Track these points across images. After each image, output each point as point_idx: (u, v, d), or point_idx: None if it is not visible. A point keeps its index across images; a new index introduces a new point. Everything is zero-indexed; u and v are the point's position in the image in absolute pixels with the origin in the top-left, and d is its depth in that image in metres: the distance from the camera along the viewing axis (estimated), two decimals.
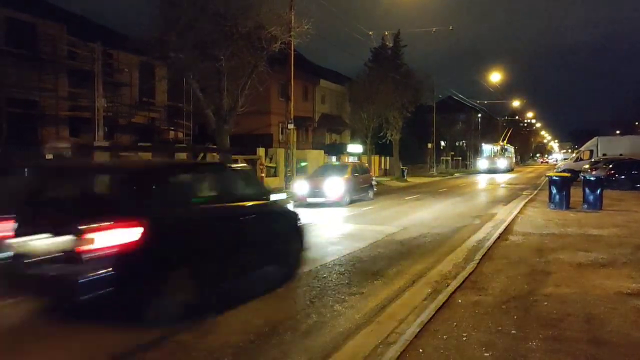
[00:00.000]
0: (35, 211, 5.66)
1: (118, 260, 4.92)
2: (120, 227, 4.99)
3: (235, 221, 6.61)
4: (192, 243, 5.72)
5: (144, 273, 5.15)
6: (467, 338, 4.81)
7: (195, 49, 17.89)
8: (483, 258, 8.40)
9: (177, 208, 5.78)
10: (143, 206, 5.42)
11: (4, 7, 21.91)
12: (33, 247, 5.15)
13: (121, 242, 4.96)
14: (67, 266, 4.96)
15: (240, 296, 6.35)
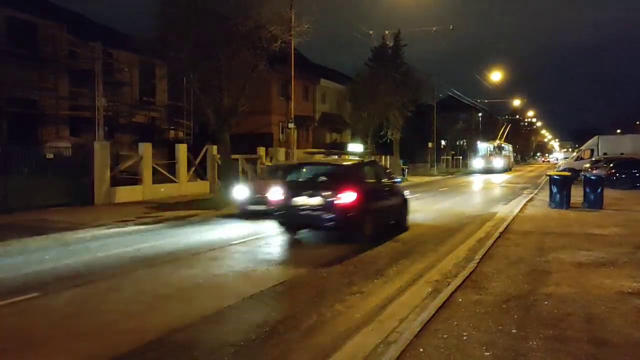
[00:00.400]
0: (297, 185, 11.07)
1: (345, 209, 9.97)
2: (347, 192, 10.07)
3: (384, 191, 12.12)
4: (372, 202, 10.87)
5: (356, 216, 10.06)
6: (468, 337, 4.80)
7: (195, 49, 17.87)
8: (484, 257, 8.40)
9: (366, 184, 11.20)
10: (355, 183, 10.60)
11: (5, 6, 21.91)
12: (301, 202, 10.34)
13: (347, 200, 10.01)
14: (320, 211, 10.13)
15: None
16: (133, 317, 5.71)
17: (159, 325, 5.38)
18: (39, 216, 13.92)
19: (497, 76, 55.25)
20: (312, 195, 10.24)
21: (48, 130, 23.82)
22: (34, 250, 9.87)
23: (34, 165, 16.14)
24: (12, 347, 4.86)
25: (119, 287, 7.10)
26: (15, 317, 5.76)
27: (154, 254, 9.32)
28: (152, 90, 30.33)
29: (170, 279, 7.58)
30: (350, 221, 10.07)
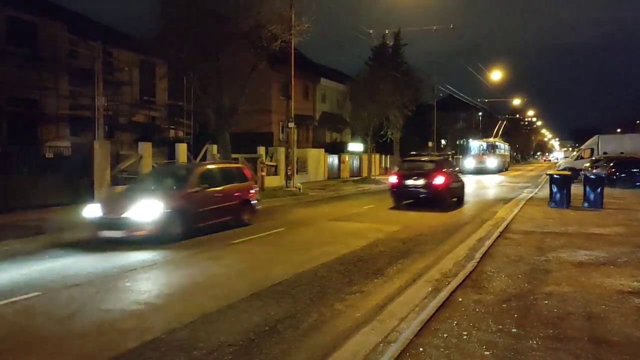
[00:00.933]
0: (409, 174, 17.22)
1: (439, 188, 16.56)
2: (441, 176, 16.69)
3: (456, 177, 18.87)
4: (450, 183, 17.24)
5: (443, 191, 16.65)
6: (468, 337, 4.80)
7: (195, 48, 17.89)
8: (484, 257, 8.40)
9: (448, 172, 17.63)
10: (444, 170, 17.31)
11: (5, 6, 21.89)
12: (411, 183, 16.90)
13: (440, 182, 16.57)
14: (422, 189, 16.72)
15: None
16: (134, 316, 5.71)
17: (161, 321, 5.39)
18: (39, 216, 13.91)
19: (497, 75, 55.19)
20: (417, 179, 16.91)
21: (48, 129, 23.81)
22: (34, 249, 9.87)
23: (34, 165, 16.14)
24: (12, 347, 4.86)
25: (117, 287, 7.09)
26: (16, 317, 5.76)
27: (155, 254, 9.32)
28: (152, 90, 30.30)
29: (169, 278, 7.57)
30: (439, 195, 16.71)
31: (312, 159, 33.81)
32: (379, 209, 16.86)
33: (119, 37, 24.92)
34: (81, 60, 24.39)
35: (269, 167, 27.27)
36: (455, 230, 12.14)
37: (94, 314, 5.83)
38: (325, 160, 35.82)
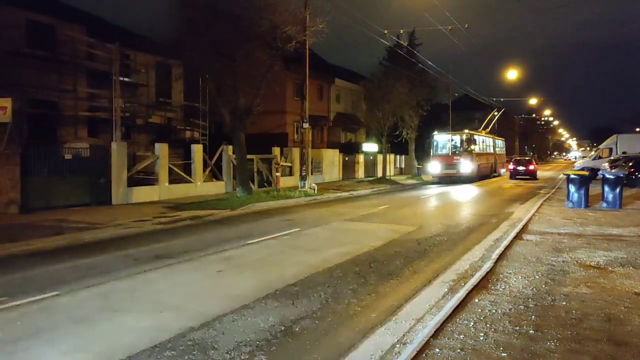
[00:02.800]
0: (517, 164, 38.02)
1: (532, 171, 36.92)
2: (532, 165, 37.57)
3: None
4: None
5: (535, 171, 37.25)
6: (485, 338, 4.78)
7: (211, 49, 18.00)
8: (500, 257, 8.34)
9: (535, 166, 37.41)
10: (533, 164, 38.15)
11: (25, 9, 22.25)
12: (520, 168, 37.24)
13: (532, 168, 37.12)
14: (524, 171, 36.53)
15: None
16: (148, 316, 5.78)
17: (174, 324, 5.44)
18: (58, 216, 14.14)
19: (513, 74, 54.68)
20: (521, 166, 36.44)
21: (67, 131, 24.14)
22: (54, 249, 10.03)
23: (53, 166, 16.38)
24: (34, 345, 4.94)
25: (134, 287, 7.18)
26: (36, 315, 5.85)
27: (170, 253, 9.40)
28: (169, 91, 30.56)
29: (185, 277, 7.64)
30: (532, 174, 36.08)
31: (327, 160, 33.83)
32: (394, 209, 16.81)
33: (135, 39, 25.17)
34: (99, 63, 24.69)
35: (284, 168, 27.34)
36: (471, 231, 12.06)
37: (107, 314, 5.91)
38: (340, 161, 35.80)
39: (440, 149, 33.90)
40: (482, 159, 35.73)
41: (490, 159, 39.37)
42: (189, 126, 31.72)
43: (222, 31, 17.71)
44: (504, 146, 47.48)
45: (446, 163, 33.02)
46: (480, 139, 37.37)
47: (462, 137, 33.99)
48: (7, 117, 14.42)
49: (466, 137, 33.88)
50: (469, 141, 33.69)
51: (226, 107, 19.78)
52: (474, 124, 66.65)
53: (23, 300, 6.30)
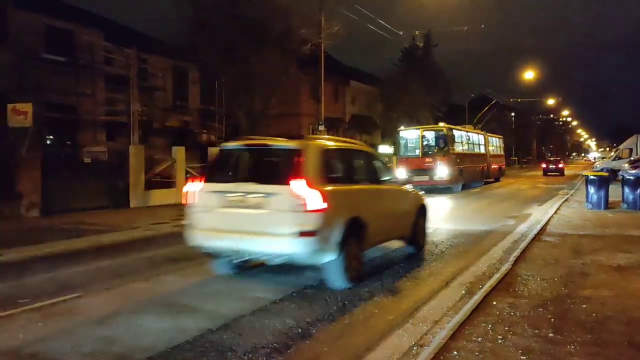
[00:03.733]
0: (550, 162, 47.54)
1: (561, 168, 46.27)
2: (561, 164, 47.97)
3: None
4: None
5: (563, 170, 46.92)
6: (503, 341, 4.74)
7: (226, 53, 18.16)
8: (518, 259, 8.27)
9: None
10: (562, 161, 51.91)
11: (44, 15, 22.63)
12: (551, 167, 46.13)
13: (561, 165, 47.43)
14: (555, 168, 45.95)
15: None
16: (166, 318, 5.83)
17: (192, 325, 5.49)
18: (78, 219, 14.33)
19: (530, 75, 54.18)
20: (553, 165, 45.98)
21: (86, 135, 24.48)
22: (74, 252, 10.17)
23: (73, 170, 16.62)
24: (55, 346, 5.02)
25: (152, 289, 7.24)
26: (57, 316, 5.94)
27: (188, 255, 9.48)
28: (185, 95, 30.84)
29: (203, 279, 7.69)
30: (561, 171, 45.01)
31: None
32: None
33: (152, 44, 25.45)
34: (117, 67, 25.00)
35: None
36: (488, 233, 11.97)
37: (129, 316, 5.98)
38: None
39: (408, 150, 26.13)
40: (467, 162, 27.53)
41: (481, 160, 31.29)
42: (206, 129, 31.97)
43: (236, 35, 17.85)
44: (501, 145, 38.48)
45: (416, 167, 24.48)
46: (465, 135, 29.23)
47: (438, 133, 25.90)
48: (28, 122, 14.65)
49: (443, 134, 25.67)
50: (446, 138, 25.49)
51: (242, 110, 19.92)
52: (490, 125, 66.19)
53: (45, 301, 6.39)
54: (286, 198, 6.42)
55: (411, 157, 25.36)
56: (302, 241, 6.33)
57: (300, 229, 6.31)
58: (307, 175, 6.53)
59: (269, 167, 7.76)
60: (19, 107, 14.76)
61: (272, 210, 6.59)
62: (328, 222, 6.50)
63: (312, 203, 6.36)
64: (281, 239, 6.47)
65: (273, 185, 6.68)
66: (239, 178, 7.59)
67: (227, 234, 6.93)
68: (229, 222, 6.96)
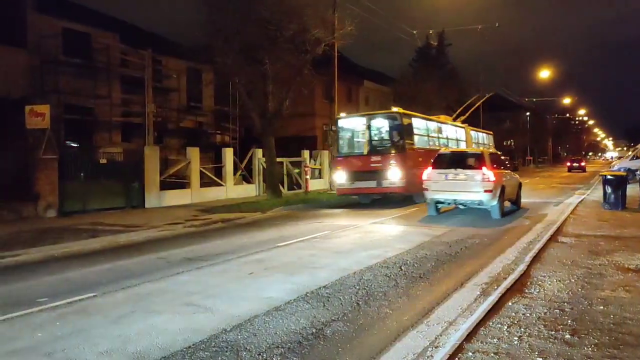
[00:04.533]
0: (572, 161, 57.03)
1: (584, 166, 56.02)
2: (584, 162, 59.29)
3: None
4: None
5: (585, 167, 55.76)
6: (519, 342, 4.70)
7: (241, 54, 18.24)
8: (534, 260, 8.19)
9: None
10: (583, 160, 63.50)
11: (62, 19, 22.94)
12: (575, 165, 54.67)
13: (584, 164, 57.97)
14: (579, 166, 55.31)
15: None
16: (182, 318, 5.87)
17: (207, 325, 5.52)
18: (94, 219, 14.50)
19: (545, 74, 53.61)
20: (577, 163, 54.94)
21: (102, 136, 24.76)
22: (90, 252, 10.29)
23: (89, 170, 16.83)
24: (72, 344, 5.08)
25: (167, 289, 7.30)
26: (74, 316, 6.01)
27: (202, 256, 9.54)
28: (199, 96, 31.06)
29: (217, 279, 7.73)
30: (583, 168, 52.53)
31: None
32: (424, 211, 16.66)
33: (167, 45, 25.68)
34: (132, 69, 25.27)
35: (313, 170, 27.42)
36: (503, 233, 11.87)
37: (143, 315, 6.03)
38: None
39: (350, 145, 19.55)
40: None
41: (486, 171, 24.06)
42: (220, 130, 32.17)
43: (251, 36, 17.92)
44: (490, 143, 31.21)
45: (359, 169, 18.10)
46: (431, 126, 21.37)
47: (390, 121, 18.75)
48: (45, 124, 14.85)
49: (397, 123, 18.37)
50: (401, 129, 18.23)
51: (256, 110, 19.98)
52: (504, 125, 65.69)
53: (62, 301, 6.48)
54: (479, 175, 14.00)
55: (353, 156, 18.61)
56: (485, 195, 13.87)
57: (485, 188, 13.84)
58: (486, 165, 14.19)
59: (467, 160, 14.81)
60: (36, 109, 14.97)
61: (471, 181, 14.07)
62: (495, 186, 13.96)
63: (489, 177, 13.88)
64: (476, 194, 14.00)
65: (472, 169, 14.27)
66: (452, 166, 14.63)
67: (447, 192, 14.45)
68: (449, 186, 14.37)
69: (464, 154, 15.63)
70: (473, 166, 14.21)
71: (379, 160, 17.79)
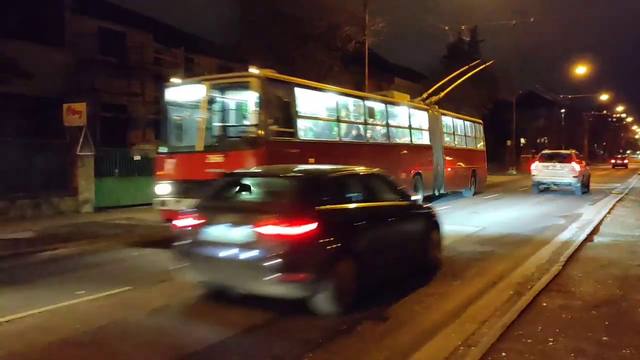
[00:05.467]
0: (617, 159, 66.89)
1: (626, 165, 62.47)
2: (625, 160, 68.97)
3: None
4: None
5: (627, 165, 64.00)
6: (554, 343, 4.62)
7: (272, 51, 18.36)
8: (569, 260, 8.02)
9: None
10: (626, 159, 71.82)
11: (98, 18, 23.47)
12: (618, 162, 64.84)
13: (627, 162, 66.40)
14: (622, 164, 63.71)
15: None
16: (215, 312, 5.96)
17: (241, 320, 5.60)
18: (128, 214, 14.81)
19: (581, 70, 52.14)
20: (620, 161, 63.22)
21: (135, 133, 25.23)
22: (126, 246, 10.53)
23: (123, 167, 17.22)
24: (107, 339, 5.23)
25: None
26: (111, 308, 6.18)
27: None
28: None
29: None
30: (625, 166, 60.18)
31: None
32: (456, 210, 16.48)
33: (199, 44, 26.00)
34: (165, 67, 25.66)
35: None
36: (537, 232, 11.65)
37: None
38: None
39: (179, 134, 12.09)
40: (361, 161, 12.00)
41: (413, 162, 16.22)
42: None
43: (282, 33, 18.02)
44: (478, 136, 24.66)
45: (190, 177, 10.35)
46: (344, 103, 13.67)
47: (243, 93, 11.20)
48: (82, 121, 15.23)
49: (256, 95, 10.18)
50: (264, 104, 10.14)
51: None
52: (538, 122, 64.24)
53: (99, 293, 6.65)
54: (569, 166, 21.05)
55: (182, 153, 11.09)
56: (573, 179, 20.88)
57: (573, 175, 20.86)
58: (574, 160, 21.30)
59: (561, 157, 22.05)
60: (73, 107, 15.36)
61: (565, 170, 21.03)
62: (579, 174, 20.98)
63: (576, 168, 21.00)
64: (570, 179, 20.96)
65: (566, 163, 21.18)
66: (551, 160, 21.67)
67: (549, 177, 21.50)
68: (549, 174, 21.38)
69: (559, 154, 23.20)
70: (565, 160, 21.20)
71: (221, 161, 9.89)
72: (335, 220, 5.91)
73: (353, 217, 6.25)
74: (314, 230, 5.43)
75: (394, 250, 6.86)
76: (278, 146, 10.27)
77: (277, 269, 5.26)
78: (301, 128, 11.34)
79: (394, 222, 7.07)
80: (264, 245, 5.37)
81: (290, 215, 5.43)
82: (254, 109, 10.20)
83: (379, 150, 14.57)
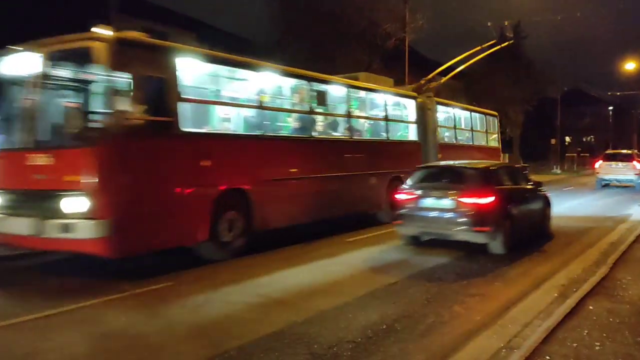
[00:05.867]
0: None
1: None
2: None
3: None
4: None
5: None
6: (601, 348, 4.48)
7: (312, 49, 18.44)
8: (617, 262, 7.76)
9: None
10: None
11: (141, 19, 24.09)
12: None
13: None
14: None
15: None
16: (254, 310, 6.04)
17: (279, 317, 5.65)
18: None
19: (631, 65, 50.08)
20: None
21: None
22: None
23: None
24: (151, 331, 5.37)
25: (240, 280, 7.51)
26: (153, 304, 6.33)
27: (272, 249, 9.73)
28: None
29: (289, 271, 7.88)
30: None
31: None
32: None
33: (239, 43, 26.28)
34: None
35: None
36: (583, 233, 11.31)
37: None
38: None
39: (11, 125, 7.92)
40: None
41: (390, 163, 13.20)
42: None
43: (322, 31, 18.07)
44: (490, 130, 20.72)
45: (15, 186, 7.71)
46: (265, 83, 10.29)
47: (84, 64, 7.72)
48: None
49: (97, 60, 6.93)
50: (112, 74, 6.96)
51: None
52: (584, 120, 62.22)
53: (141, 289, 6.81)
54: (630, 165, 23.36)
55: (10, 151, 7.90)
56: (634, 176, 23.12)
57: (634, 172, 23.12)
58: (635, 159, 23.44)
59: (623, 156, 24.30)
60: None
61: (626, 169, 23.38)
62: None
63: (637, 167, 23.16)
64: (631, 176, 23.22)
65: (628, 162, 23.53)
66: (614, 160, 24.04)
67: (612, 175, 23.74)
68: (612, 171, 23.76)
69: (621, 153, 25.13)
70: (627, 159, 23.44)
71: (48, 163, 7.24)
72: (503, 195, 8.89)
73: (510, 193, 9.33)
74: (494, 201, 8.55)
75: (528, 218, 9.90)
76: (138, 142, 7.25)
77: (472, 223, 8.45)
78: (186, 116, 8.05)
79: (528, 199, 10.15)
80: (463, 209, 8.55)
81: (480, 191, 8.62)
82: (96, 86, 7.41)
83: (332, 148, 11.51)
